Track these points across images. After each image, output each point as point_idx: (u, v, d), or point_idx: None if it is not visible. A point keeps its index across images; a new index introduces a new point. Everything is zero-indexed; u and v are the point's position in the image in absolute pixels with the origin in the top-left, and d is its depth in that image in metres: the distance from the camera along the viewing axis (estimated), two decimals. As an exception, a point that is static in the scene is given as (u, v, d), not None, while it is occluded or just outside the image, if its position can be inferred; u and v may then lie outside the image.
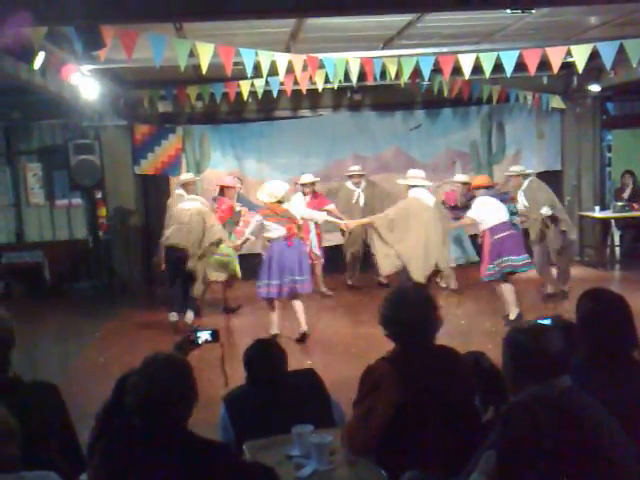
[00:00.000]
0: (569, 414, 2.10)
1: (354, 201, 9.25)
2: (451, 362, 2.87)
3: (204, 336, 3.08)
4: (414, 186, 7.15)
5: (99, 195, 10.35)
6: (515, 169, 8.46)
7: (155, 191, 10.65)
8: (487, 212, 7.25)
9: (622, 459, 2.14)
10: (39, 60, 5.45)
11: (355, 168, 9.43)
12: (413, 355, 2.82)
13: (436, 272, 7.21)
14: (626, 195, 10.59)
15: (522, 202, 8.21)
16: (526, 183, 8.24)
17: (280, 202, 6.86)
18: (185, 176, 8.74)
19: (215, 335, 3.09)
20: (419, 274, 6.90)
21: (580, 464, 2.03)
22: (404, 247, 6.96)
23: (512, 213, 7.81)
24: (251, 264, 8.57)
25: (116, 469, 2.34)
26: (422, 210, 7.02)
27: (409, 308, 2.85)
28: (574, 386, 2.24)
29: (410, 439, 2.69)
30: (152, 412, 2.30)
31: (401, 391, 2.69)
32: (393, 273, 7.37)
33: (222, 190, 8.43)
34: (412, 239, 6.94)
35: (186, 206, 7.75)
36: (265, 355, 3.26)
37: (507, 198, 8.10)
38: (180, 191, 8.39)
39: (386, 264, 7.13)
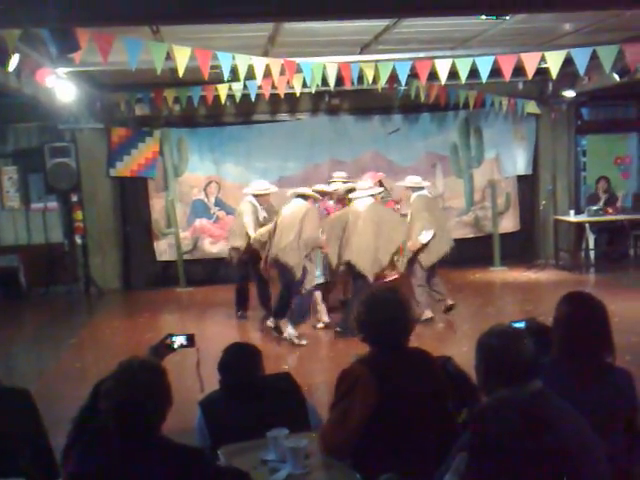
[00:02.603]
0: (539, 416, 2.12)
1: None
2: (425, 364, 2.89)
3: (180, 340, 3.07)
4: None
5: (75, 198, 10.28)
6: (408, 181, 7.88)
7: (132, 194, 10.59)
8: None
9: (592, 461, 2.17)
10: (13, 62, 5.41)
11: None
12: (388, 357, 2.83)
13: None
14: (602, 201, 10.70)
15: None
16: (413, 197, 7.71)
17: None
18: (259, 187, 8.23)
19: (191, 340, 3.08)
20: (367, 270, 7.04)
21: (550, 466, 2.05)
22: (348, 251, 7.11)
23: None
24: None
25: (90, 475, 2.33)
26: (353, 216, 7.18)
27: (383, 311, 2.87)
28: (545, 389, 2.26)
29: (386, 442, 2.70)
30: (126, 417, 2.29)
31: (377, 393, 2.70)
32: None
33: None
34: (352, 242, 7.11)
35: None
36: (240, 359, 3.25)
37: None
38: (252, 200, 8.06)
39: (368, 266, 7.12)
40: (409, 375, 2.80)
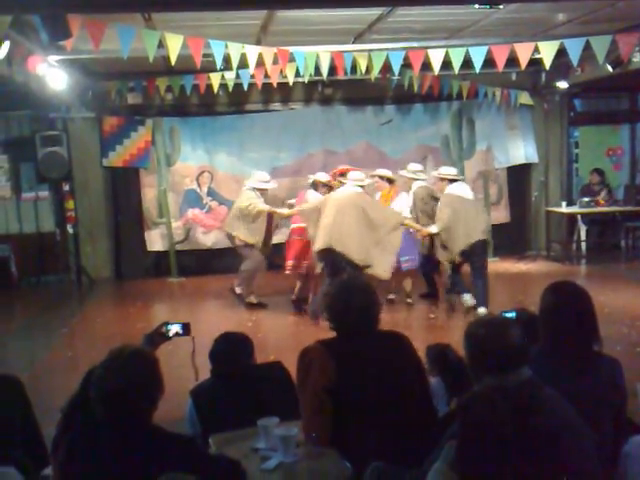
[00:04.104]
0: (528, 405, 2.13)
1: None
2: (394, 345, 2.92)
3: (175, 329, 3.05)
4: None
5: (67, 188, 10.22)
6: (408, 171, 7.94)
7: (125, 184, 10.55)
8: None
9: (581, 448, 2.18)
10: (4, 50, 5.37)
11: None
12: (350, 339, 2.88)
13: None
14: (603, 193, 10.67)
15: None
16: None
17: None
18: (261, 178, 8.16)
19: (186, 328, 3.07)
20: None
21: (539, 454, 2.06)
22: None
23: None
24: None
25: (81, 463, 2.32)
26: (337, 201, 7.00)
27: (352, 299, 2.91)
28: (533, 377, 2.27)
29: (364, 423, 2.71)
30: (116, 405, 2.29)
31: (333, 368, 2.74)
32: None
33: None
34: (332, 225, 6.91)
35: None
36: (231, 348, 3.25)
37: None
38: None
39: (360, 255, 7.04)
40: (371, 355, 2.82)
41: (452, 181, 7.48)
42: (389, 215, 7.21)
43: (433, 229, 7.32)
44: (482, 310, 7.09)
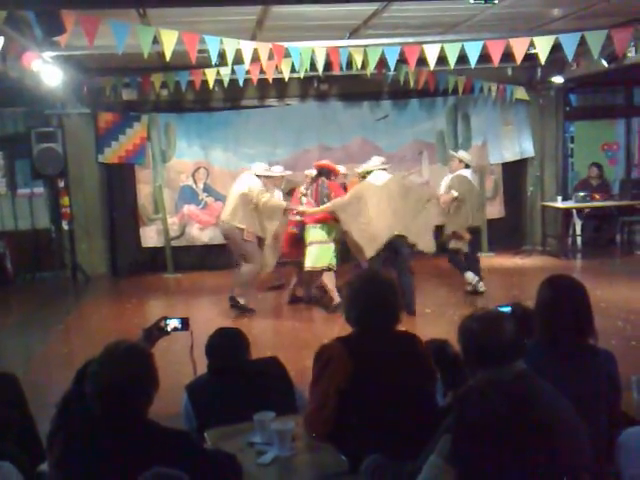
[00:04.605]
0: (523, 398, 2.14)
1: None
2: (409, 347, 2.88)
3: (173, 323, 3.05)
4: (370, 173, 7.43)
5: (62, 184, 10.19)
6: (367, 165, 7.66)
7: (120, 180, 10.53)
8: None
9: (575, 441, 2.19)
10: (-2, 45, 5.34)
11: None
12: (368, 337, 2.83)
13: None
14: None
15: None
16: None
17: None
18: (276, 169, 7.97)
19: (184, 323, 3.07)
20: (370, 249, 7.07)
21: (534, 447, 2.07)
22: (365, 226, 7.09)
23: None
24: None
25: (77, 459, 2.32)
26: (371, 190, 7.18)
27: (369, 292, 2.86)
28: (528, 370, 2.28)
29: (365, 422, 2.70)
30: (111, 400, 2.29)
31: (350, 370, 2.70)
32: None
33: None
34: (366, 217, 7.10)
35: None
36: (227, 343, 3.25)
37: None
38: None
39: (369, 248, 7.12)
40: (389, 356, 2.79)
41: (467, 166, 8.20)
42: (421, 190, 7.80)
43: (454, 193, 7.91)
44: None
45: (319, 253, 7.46)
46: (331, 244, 7.52)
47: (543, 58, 6.57)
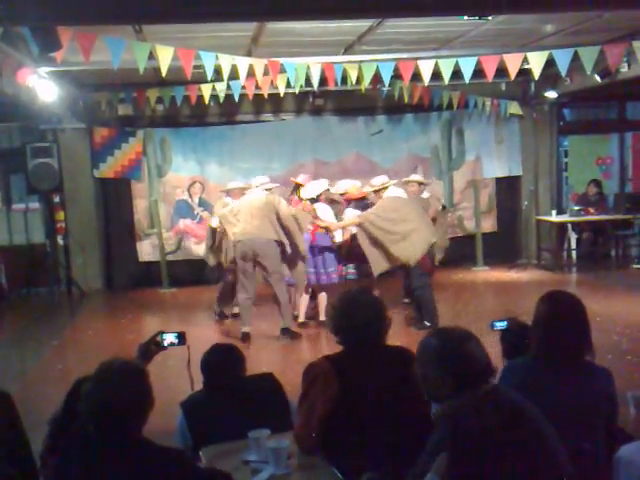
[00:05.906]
0: (513, 410, 2.14)
1: None
2: (401, 362, 2.84)
3: (170, 338, 3.02)
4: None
5: (57, 199, 10.20)
6: (378, 181, 7.65)
7: (115, 195, 10.53)
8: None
9: (551, 453, 2.17)
10: (-6, 62, 5.35)
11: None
12: (357, 354, 2.84)
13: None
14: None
15: None
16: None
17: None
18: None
19: (181, 338, 3.04)
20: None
21: (514, 461, 2.07)
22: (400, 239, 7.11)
23: None
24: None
25: (71, 478, 2.30)
26: (403, 204, 7.27)
27: (356, 313, 2.85)
28: (499, 385, 2.26)
29: (359, 440, 2.69)
30: (106, 419, 2.27)
31: (338, 387, 2.70)
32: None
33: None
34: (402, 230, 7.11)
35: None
36: (222, 360, 3.23)
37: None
38: (228, 199, 7.81)
39: (378, 265, 7.15)
40: (377, 372, 2.78)
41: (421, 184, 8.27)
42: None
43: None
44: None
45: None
46: None
47: (537, 73, 6.62)
